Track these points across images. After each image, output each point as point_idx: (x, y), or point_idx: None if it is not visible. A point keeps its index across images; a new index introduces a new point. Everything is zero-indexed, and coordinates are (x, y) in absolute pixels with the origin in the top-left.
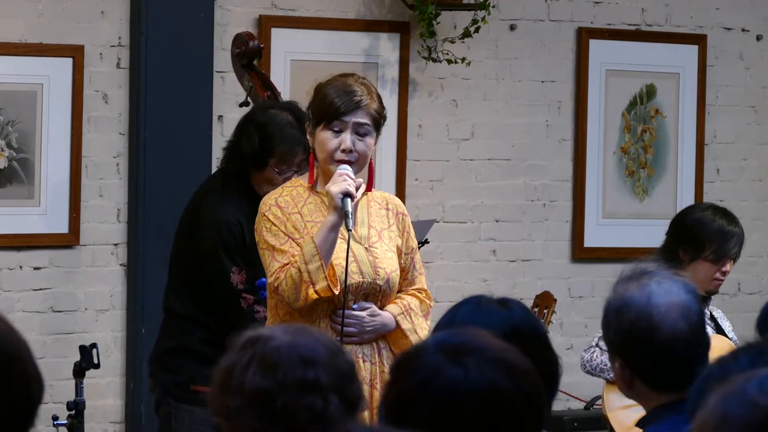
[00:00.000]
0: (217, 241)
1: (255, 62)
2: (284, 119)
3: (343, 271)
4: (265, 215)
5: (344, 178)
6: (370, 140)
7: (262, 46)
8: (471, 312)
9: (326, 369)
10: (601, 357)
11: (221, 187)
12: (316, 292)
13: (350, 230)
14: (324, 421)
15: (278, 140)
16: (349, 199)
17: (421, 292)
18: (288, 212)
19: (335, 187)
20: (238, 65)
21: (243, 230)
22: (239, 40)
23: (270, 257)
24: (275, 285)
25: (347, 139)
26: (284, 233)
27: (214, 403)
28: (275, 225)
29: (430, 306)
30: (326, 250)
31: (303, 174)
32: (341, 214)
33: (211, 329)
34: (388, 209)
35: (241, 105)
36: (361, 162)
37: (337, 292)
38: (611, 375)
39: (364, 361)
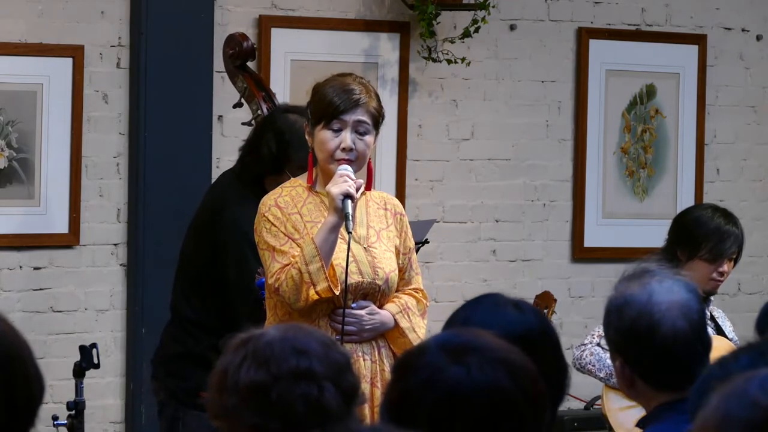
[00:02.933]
0: (244, 243)
1: (248, 63)
2: (302, 126)
3: (343, 271)
4: (264, 216)
5: (345, 179)
6: (369, 139)
7: (255, 46)
8: (488, 314)
9: (320, 359)
10: (590, 357)
11: (241, 192)
12: (317, 292)
13: (350, 232)
14: (321, 411)
15: (296, 147)
16: (349, 201)
17: (417, 292)
18: (288, 212)
19: (336, 188)
20: (231, 66)
21: None
22: (232, 41)
23: (270, 258)
24: (275, 286)
25: (347, 137)
26: (284, 234)
27: (212, 406)
28: (275, 225)
29: (426, 305)
30: (326, 250)
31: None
32: (341, 215)
33: (220, 335)
34: (386, 209)
35: (234, 106)
36: (360, 161)
37: (337, 293)
38: (600, 375)
39: (364, 360)
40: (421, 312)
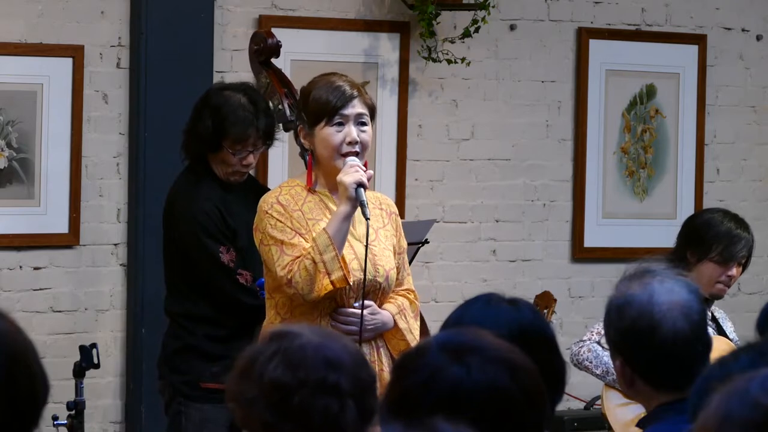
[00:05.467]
0: (197, 229)
1: (272, 60)
2: (237, 101)
3: (349, 262)
4: (268, 213)
5: (356, 169)
6: (370, 130)
7: (280, 43)
8: (480, 310)
9: (348, 376)
10: (588, 354)
11: (187, 180)
12: (331, 282)
13: (368, 219)
14: (337, 427)
15: (231, 122)
16: (362, 189)
17: (410, 293)
18: (290, 209)
19: (348, 177)
20: (255, 62)
21: (221, 213)
22: (257, 37)
23: (278, 252)
24: (288, 277)
25: (352, 131)
26: (290, 228)
27: (231, 388)
28: (280, 221)
29: (418, 306)
30: (340, 240)
31: (257, 152)
32: (355, 204)
33: (212, 323)
34: (381, 209)
35: None
36: (364, 152)
37: (352, 282)
38: (597, 372)
39: None
40: (414, 314)
